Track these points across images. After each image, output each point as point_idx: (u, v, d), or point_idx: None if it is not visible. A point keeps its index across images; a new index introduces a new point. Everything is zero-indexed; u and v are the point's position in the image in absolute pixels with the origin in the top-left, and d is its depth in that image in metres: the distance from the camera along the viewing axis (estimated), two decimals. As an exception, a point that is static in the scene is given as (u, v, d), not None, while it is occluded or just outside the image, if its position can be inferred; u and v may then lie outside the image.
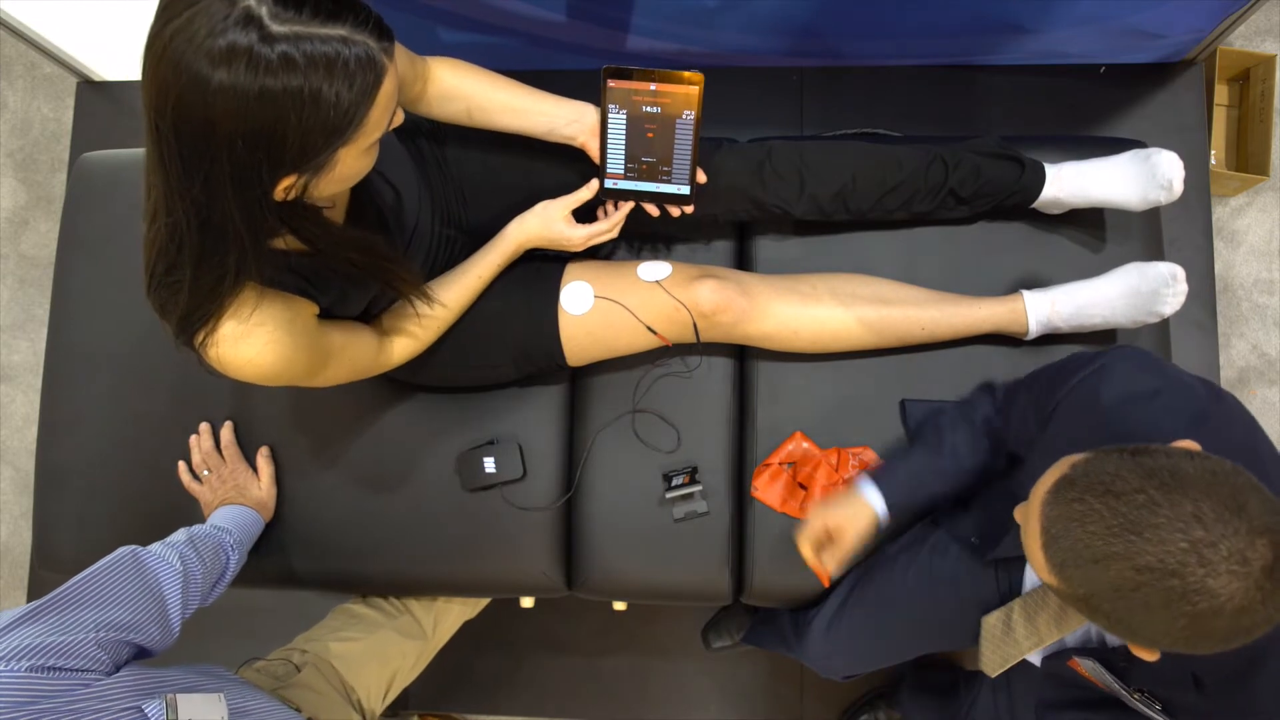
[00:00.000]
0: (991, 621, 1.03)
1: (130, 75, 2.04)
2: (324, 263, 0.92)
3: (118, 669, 0.76)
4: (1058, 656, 0.98)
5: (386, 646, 1.29)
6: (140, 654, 0.84)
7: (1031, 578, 1.05)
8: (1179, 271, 1.18)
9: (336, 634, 1.26)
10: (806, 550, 1.13)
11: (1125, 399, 0.87)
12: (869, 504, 1.11)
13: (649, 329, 1.21)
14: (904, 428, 1.29)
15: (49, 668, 0.69)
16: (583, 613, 1.81)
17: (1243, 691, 0.80)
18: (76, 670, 0.71)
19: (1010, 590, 1.07)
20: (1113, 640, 0.93)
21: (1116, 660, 0.90)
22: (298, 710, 1.04)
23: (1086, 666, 0.92)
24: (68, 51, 1.93)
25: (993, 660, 1.03)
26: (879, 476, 1.13)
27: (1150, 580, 0.65)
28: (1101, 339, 1.30)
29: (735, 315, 1.20)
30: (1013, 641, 1.00)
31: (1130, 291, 1.21)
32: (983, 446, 1.11)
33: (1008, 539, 1.02)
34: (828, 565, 1.12)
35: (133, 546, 0.93)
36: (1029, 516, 0.75)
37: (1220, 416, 0.84)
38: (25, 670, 0.67)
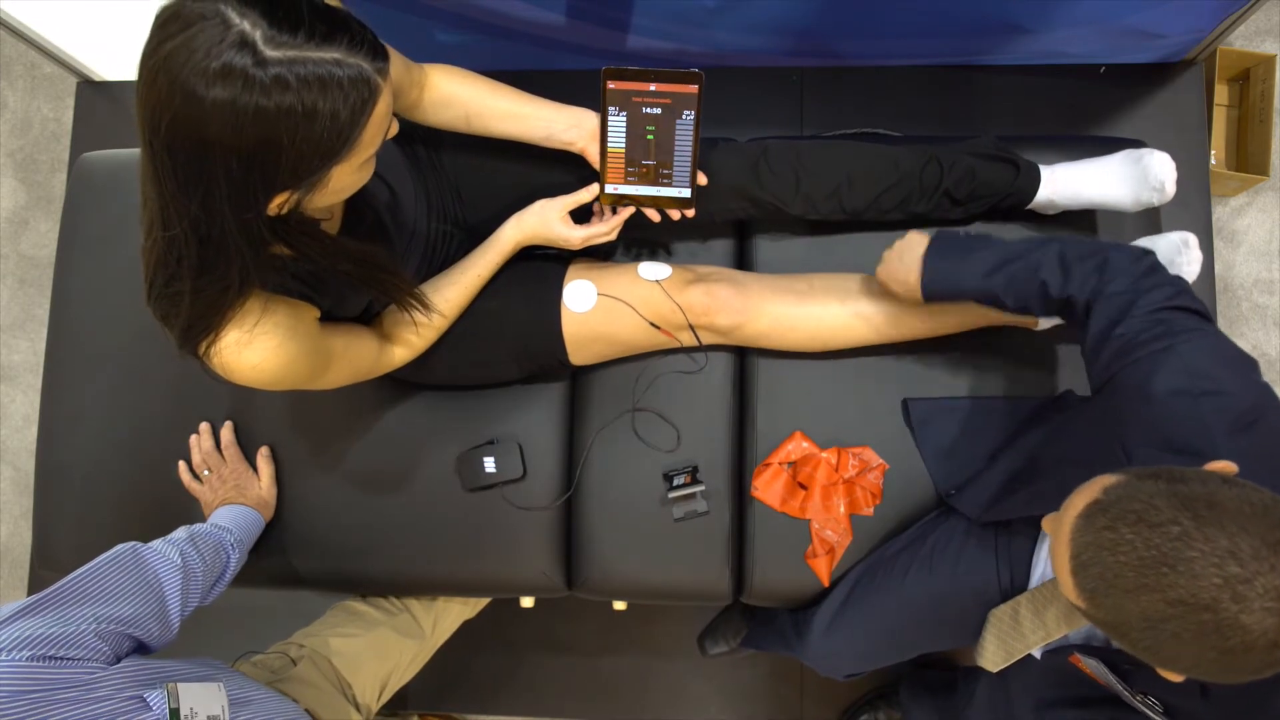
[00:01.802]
0: (999, 614, 1.03)
1: (131, 75, 2.03)
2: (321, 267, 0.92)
3: (119, 660, 0.77)
4: (1059, 650, 0.97)
5: (384, 644, 1.29)
6: (140, 649, 0.84)
7: (1038, 572, 1.05)
8: (1190, 238, 1.16)
9: (335, 630, 1.27)
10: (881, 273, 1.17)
11: (1175, 391, 0.84)
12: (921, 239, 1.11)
13: (652, 325, 1.21)
14: (907, 427, 1.29)
15: (50, 657, 0.70)
16: (583, 613, 1.81)
17: (1255, 711, 0.79)
18: (78, 660, 0.72)
19: (1014, 587, 1.07)
20: None
21: (1121, 661, 0.89)
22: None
23: (1089, 664, 0.92)
24: (68, 51, 1.93)
25: (995, 654, 1.02)
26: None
27: (1182, 613, 0.64)
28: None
29: (731, 316, 1.20)
30: (1019, 635, 0.99)
31: None
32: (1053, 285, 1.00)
33: (1001, 505, 1.01)
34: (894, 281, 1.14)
35: (133, 542, 0.93)
36: (1058, 537, 0.73)
37: (1269, 426, 0.82)
38: (27, 659, 0.68)
